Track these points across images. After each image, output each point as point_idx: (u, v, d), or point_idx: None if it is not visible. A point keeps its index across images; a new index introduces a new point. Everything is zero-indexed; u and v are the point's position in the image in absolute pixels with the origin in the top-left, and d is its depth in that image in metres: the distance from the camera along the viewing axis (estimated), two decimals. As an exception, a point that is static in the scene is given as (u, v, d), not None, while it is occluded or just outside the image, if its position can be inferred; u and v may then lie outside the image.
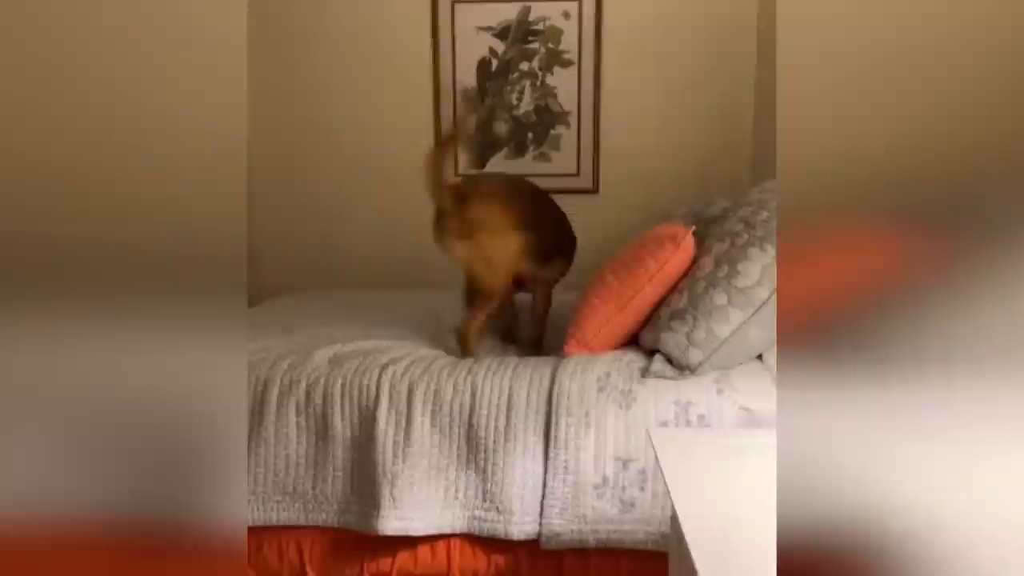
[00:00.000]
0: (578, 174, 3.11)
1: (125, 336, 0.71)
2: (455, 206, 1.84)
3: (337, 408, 1.66)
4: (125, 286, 0.71)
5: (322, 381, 1.69)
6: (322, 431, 1.66)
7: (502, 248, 1.89)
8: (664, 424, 1.57)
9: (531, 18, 3.02)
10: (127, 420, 0.71)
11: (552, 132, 3.09)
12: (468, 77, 3.08)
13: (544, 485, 1.58)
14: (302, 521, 1.65)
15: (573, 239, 2.16)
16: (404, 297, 2.71)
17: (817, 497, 0.66)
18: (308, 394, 1.68)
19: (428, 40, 3.07)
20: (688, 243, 1.77)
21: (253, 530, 1.66)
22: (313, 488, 1.65)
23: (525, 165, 3.11)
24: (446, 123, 3.10)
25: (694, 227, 1.82)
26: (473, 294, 1.97)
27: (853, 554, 0.64)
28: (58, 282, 0.70)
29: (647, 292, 1.77)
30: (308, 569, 1.65)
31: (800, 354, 0.70)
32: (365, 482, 1.63)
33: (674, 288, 1.78)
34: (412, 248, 3.04)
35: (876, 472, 0.66)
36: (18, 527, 0.68)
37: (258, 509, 1.65)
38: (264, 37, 3.14)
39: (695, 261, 1.79)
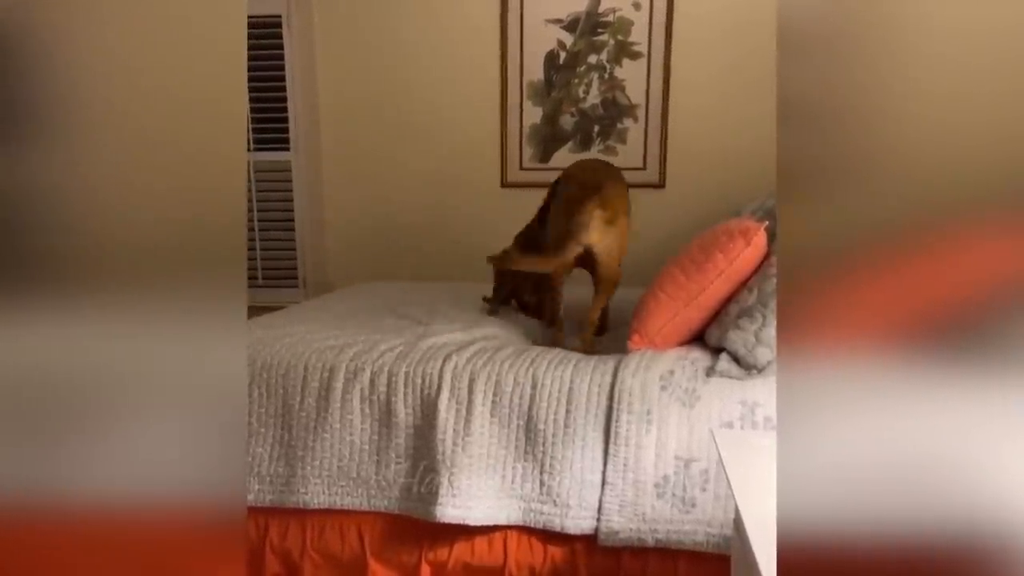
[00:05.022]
0: (644, 168, 3.06)
1: (124, 327, 0.73)
2: (585, 196, 1.85)
3: (400, 396, 1.68)
4: (125, 279, 0.73)
5: (386, 369, 1.72)
6: (385, 418, 1.69)
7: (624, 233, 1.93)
8: (728, 425, 1.53)
9: (600, 9, 2.98)
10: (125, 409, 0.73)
11: (619, 125, 3.06)
12: (536, 70, 3.07)
13: (603, 482, 1.57)
14: (365, 506, 1.68)
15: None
16: (470, 288, 2.73)
17: (927, 498, 0.64)
18: (372, 382, 1.71)
19: (496, 33, 3.08)
20: (760, 239, 1.72)
21: (316, 513, 1.70)
22: (376, 474, 1.68)
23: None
24: (512, 116, 3.10)
25: (767, 223, 1.77)
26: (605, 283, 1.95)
27: (966, 555, 0.62)
28: (55, 276, 0.72)
29: (715, 288, 1.72)
30: (368, 554, 1.69)
31: (903, 352, 0.67)
32: (425, 470, 1.65)
33: (744, 285, 1.73)
34: (471, 238, 3.06)
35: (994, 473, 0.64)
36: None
37: (324, 493, 1.69)
38: (332, 31, 3.20)
39: (767, 258, 1.73)
